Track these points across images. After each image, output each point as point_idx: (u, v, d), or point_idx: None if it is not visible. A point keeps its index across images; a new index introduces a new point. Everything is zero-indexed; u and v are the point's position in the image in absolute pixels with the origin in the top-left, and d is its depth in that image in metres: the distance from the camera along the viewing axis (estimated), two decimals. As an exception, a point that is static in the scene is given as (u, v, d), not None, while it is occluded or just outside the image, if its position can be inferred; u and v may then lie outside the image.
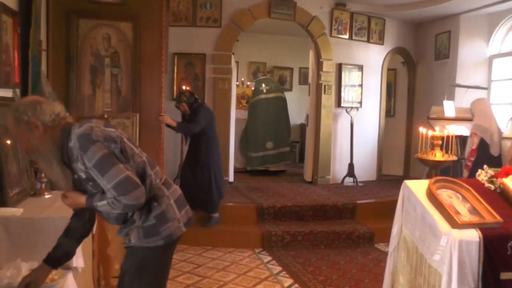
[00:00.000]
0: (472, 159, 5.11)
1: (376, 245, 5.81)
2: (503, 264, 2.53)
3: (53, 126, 2.13)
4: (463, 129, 6.13)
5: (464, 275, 2.46)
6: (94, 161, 2.03)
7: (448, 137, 3.74)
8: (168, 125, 5.26)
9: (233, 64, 7.53)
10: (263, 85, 8.60)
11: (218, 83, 7.15)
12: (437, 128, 3.69)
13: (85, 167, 2.05)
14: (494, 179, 2.95)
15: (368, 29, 8.06)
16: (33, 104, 2.12)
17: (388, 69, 8.64)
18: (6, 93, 3.21)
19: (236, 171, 8.00)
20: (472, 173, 4.55)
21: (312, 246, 5.71)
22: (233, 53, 7.60)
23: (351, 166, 7.78)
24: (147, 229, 2.24)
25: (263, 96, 8.54)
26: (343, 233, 5.84)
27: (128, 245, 2.29)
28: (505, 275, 2.54)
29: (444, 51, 7.91)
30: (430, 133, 3.59)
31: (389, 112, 8.84)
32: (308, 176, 8.00)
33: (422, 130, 3.66)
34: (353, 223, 6.18)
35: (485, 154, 5.15)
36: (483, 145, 5.24)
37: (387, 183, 7.92)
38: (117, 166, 2.05)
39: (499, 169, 3.05)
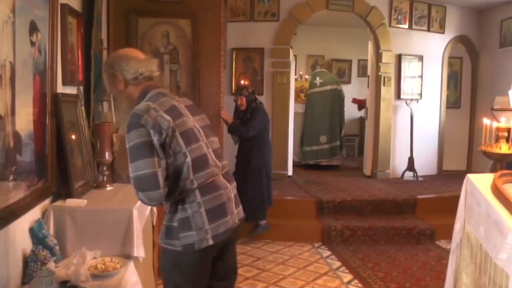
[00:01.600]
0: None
1: (437, 242, 5.64)
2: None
3: (134, 84, 2.23)
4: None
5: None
6: (130, 145, 2.06)
7: (513, 128, 3.56)
8: (224, 120, 5.19)
9: (291, 58, 7.52)
10: (317, 78, 8.52)
11: (276, 77, 7.18)
12: (502, 119, 3.52)
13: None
14: None
15: (428, 17, 7.79)
16: (121, 60, 2.23)
17: (454, 58, 8.34)
18: (72, 90, 3.35)
19: (295, 165, 7.98)
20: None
21: (371, 242, 5.63)
22: (291, 47, 7.59)
23: (411, 160, 7.58)
24: (168, 229, 2.19)
25: (316, 89, 8.46)
26: (403, 229, 5.71)
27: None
28: None
29: (510, 38, 7.51)
30: (495, 124, 3.44)
31: (455, 103, 8.51)
32: (367, 170, 7.87)
33: (486, 121, 3.50)
34: (414, 218, 6.04)
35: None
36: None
37: (449, 177, 7.66)
38: (147, 160, 2.02)
39: None
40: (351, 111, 9.66)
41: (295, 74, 9.15)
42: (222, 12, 4.88)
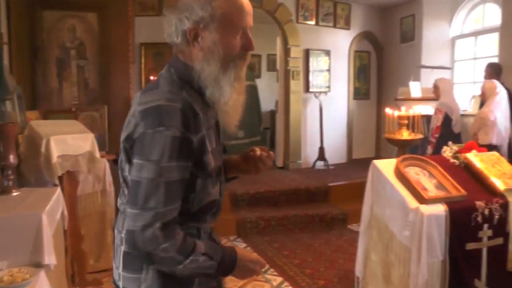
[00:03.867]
0: (437, 135, 5.25)
1: (349, 226, 5.92)
2: (468, 235, 2.64)
3: None
4: (429, 109, 6.27)
5: (433, 247, 2.56)
6: None
7: (414, 116, 3.83)
8: None
9: None
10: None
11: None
12: (403, 108, 3.78)
13: None
14: (459, 155, 3.05)
15: (334, 14, 8.11)
16: None
17: (363, 52, 8.75)
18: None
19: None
20: (437, 150, 4.71)
21: (286, 231, 5.78)
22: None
23: (321, 149, 7.88)
24: None
25: None
26: (316, 216, 5.93)
27: None
28: (470, 245, 2.66)
29: (410, 34, 8.04)
30: (396, 113, 3.68)
31: (365, 94, 8.93)
32: (279, 162, 8.06)
33: (388, 111, 3.75)
34: (326, 205, 6.29)
35: (448, 131, 5.29)
36: (446, 122, 5.39)
37: (359, 165, 8.04)
38: None
39: (463, 145, 3.16)
40: (262, 105, 9.82)
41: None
42: (130, 6, 4.79)
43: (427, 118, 6.22)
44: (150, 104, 1.32)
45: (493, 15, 6.99)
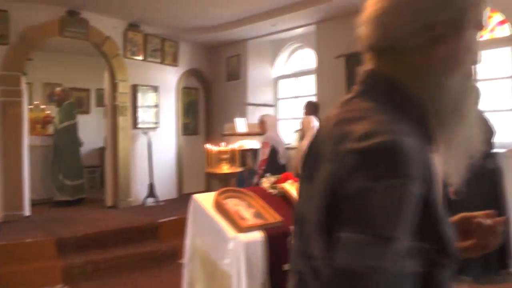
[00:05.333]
0: (263, 167, 5.55)
1: (179, 261, 5.83)
2: (285, 257, 2.80)
3: None
4: (255, 143, 6.63)
5: (252, 272, 2.66)
6: None
7: (233, 150, 4.02)
8: None
9: (24, 86, 6.86)
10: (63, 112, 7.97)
11: (6, 107, 6.45)
12: (223, 144, 3.94)
13: None
14: (276, 185, 3.26)
15: (162, 51, 8.20)
16: None
17: (191, 88, 8.94)
18: None
19: (35, 204, 7.27)
20: (263, 180, 4.99)
21: (117, 272, 5.51)
22: (26, 74, 6.97)
23: (151, 186, 7.78)
24: None
25: (67, 123, 7.91)
26: (146, 254, 5.79)
27: None
28: (287, 266, 2.82)
29: (236, 73, 8.48)
30: (216, 148, 3.82)
31: (193, 130, 9.08)
32: (109, 201, 7.75)
33: (208, 146, 3.87)
34: (157, 242, 6.17)
35: (275, 162, 5.63)
36: (273, 155, 5.73)
37: (188, 199, 8.06)
38: None
39: (280, 176, 3.39)
40: (91, 142, 9.41)
41: (30, 104, 8.46)
42: None
43: (254, 151, 6.57)
44: (369, 141, 0.80)
45: (310, 59, 7.73)
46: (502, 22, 5.56)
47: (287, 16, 6.74)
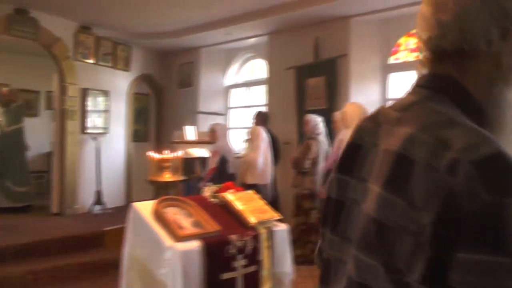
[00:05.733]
0: (211, 176, 5.49)
1: (124, 271, 5.74)
2: (223, 266, 2.79)
3: None
4: (204, 151, 6.58)
5: (189, 282, 2.63)
6: None
7: (176, 158, 3.97)
8: None
9: None
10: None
11: None
12: (166, 151, 3.88)
13: None
14: (217, 194, 3.24)
15: (114, 55, 8.06)
16: None
17: (142, 94, 8.80)
18: None
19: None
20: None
21: (59, 282, 5.30)
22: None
23: (98, 193, 7.60)
24: None
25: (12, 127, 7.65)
26: (91, 263, 5.61)
27: None
28: (226, 275, 2.81)
29: (188, 80, 8.42)
30: (157, 156, 3.77)
31: (143, 137, 8.93)
32: (55, 208, 7.50)
33: (151, 154, 3.81)
34: (102, 251, 6.01)
35: (224, 171, 5.58)
36: (222, 164, 5.68)
37: (137, 208, 7.94)
38: None
39: (221, 185, 3.37)
40: (38, 146, 9.11)
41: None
42: None
43: (203, 160, 6.52)
44: (479, 151, 0.73)
45: (262, 69, 7.77)
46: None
47: (241, 25, 6.77)
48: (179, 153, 3.55)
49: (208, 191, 3.29)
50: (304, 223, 5.62)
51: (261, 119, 6.32)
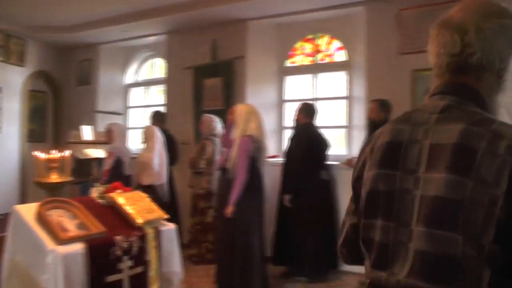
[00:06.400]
0: (106, 178, 5.38)
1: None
2: (109, 268, 2.78)
3: None
4: (101, 152, 6.43)
5: (71, 286, 2.58)
6: None
7: (63, 158, 3.87)
8: None
9: None
10: None
11: None
12: (54, 151, 3.78)
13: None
14: (105, 195, 3.21)
15: (6, 48, 7.60)
16: None
17: (38, 91, 8.37)
18: None
19: None
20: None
21: None
22: None
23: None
24: None
25: None
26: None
27: None
28: (111, 278, 2.79)
29: (87, 78, 8.16)
30: (44, 156, 3.65)
31: (40, 137, 8.49)
32: None
33: (37, 154, 3.69)
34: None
35: (120, 173, 5.48)
36: (118, 165, 5.58)
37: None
38: None
39: (110, 186, 3.34)
40: None
41: None
42: None
43: (99, 161, 6.37)
44: None
45: (161, 68, 7.72)
46: (340, 49, 6.09)
47: (138, 23, 6.68)
48: (67, 153, 3.44)
49: (95, 192, 3.25)
50: (200, 223, 5.69)
51: (158, 119, 6.30)
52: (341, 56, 6.10)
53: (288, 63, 6.48)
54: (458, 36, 1.16)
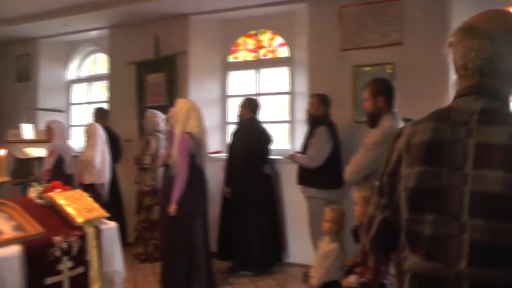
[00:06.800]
0: (47, 178, 5.25)
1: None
2: (47, 270, 2.73)
3: None
4: (42, 151, 6.25)
5: (7, 291, 2.54)
6: None
7: (-1, 158, 3.75)
8: None
9: None
10: None
11: None
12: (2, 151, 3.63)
13: None
14: (43, 195, 3.15)
15: None
16: None
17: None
18: None
19: None
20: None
21: None
22: None
23: None
24: None
25: None
26: None
27: None
28: (50, 280, 2.74)
29: (26, 74, 7.89)
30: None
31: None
32: None
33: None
34: None
35: (61, 172, 5.34)
36: (59, 164, 5.44)
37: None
38: None
39: (48, 185, 3.28)
40: None
41: None
42: None
43: (40, 160, 6.20)
44: None
45: (104, 64, 7.58)
46: (282, 45, 6.18)
47: (79, 16, 6.50)
48: (2, 152, 3.33)
49: (33, 192, 3.19)
50: (146, 220, 5.65)
51: (100, 116, 6.20)
52: (283, 52, 6.19)
53: (231, 59, 6.52)
54: (488, 43, 1.29)
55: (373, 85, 3.48)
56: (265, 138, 5.37)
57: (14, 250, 2.59)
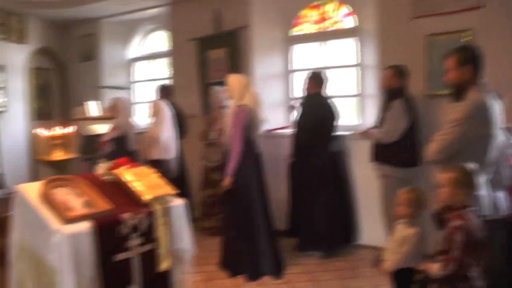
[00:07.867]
0: (106, 149, 5.23)
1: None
2: (116, 247, 2.70)
3: None
4: (107, 128, 6.31)
5: (80, 265, 2.52)
6: None
7: (67, 135, 3.77)
8: None
9: None
10: None
11: None
12: (57, 128, 3.68)
13: None
14: (110, 171, 3.12)
15: (7, 26, 7.45)
16: None
17: (42, 69, 8.26)
18: None
19: None
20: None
21: None
22: None
23: (0, 176, 7.13)
24: None
25: None
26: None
27: None
28: (119, 256, 2.71)
29: (90, 53, 8.03)
30: (46, 133, 3.55)
31: (47, 115, 8.37)
32: None
33: (39, 131, 3.59)
34: (3, 238, 5.66)
35: (124, 149, 5.33)
36: (122, 141, 5.43)
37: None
38: None
39: (115, 162, 3.24)
40: None
41: None
42: None
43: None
44: None
45: (164, 41, 7.56)
46: (348, 14, 5.89)
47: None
48: (71, 129, 3.34)
49: (101, 168, 3.16)
50: (213, 195, 5.62)
51: (165, 92, 6.17)
52: (350, 22, 5.89)
53: (294, 32, 6.29)
54: None
55: (460, 53, 3.16)
56: (331, 114, 5.13)
57: (85, 226, 2.57)
